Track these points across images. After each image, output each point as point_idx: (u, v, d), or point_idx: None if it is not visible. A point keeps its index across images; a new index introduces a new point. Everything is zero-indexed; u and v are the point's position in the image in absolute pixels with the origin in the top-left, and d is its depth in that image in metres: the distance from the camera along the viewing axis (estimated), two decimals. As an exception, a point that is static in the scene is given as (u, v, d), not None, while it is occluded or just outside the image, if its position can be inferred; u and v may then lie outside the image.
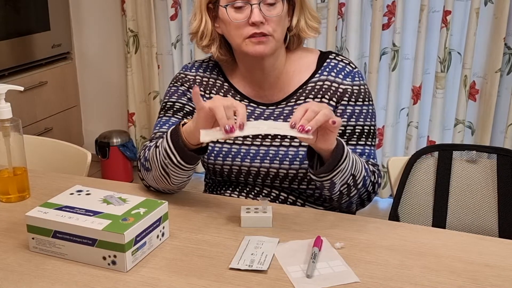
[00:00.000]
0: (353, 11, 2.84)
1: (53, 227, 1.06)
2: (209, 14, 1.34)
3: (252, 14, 1.26)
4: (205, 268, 1.04)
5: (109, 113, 3.62)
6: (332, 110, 1.33)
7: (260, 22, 1.26)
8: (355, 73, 1.37)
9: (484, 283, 1.01)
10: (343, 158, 1.18)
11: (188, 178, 1.28)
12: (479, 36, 2.69)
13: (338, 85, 1.35)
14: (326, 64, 1.38)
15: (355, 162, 1.23)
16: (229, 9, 1.28)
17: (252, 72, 1.37)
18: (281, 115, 1.37)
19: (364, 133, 1.35)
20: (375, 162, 1.36)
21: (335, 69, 1.37)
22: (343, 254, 1.09)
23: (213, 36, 1.36)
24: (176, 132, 1.20)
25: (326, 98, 1.35)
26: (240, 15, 1.28)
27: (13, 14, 2.93)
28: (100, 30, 3.48)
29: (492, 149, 1.56)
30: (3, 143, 1.28)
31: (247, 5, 1.27)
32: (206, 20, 1.34)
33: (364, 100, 1.36)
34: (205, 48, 1.38)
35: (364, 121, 1.35)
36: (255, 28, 1.27)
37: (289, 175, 1.36)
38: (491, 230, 1.53)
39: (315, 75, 1.38)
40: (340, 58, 1.39)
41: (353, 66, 1.38)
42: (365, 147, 1.35)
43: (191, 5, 3.14)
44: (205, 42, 1.36)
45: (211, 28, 1.35)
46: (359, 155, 1.32)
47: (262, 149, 1.37)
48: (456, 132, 2.82)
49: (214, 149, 1.39)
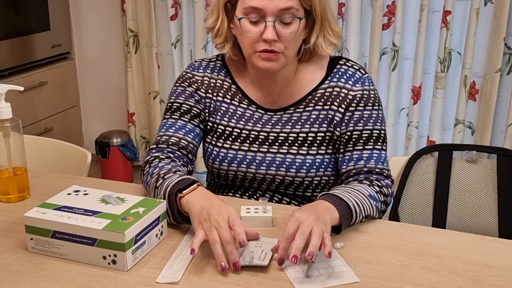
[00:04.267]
0: (353, 11, 2.84)
1: (53, 227, 1.06)
2: (226, 13, 1.32)
3: (266, 31, 1.23)
4: (205, 268, 1.04)
5: (109, 113, 3.62)
6: (341, 118, 1.33)
7: (273, 39, 1.23)
8: (364, 79, 1.34)
9: (484, 283, 1.01)
10: (352, 220, 1.17)
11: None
12: (479, 36, 2.69)
13: (348, 92, 1.32)
14: (336, 71, 1.35)
15: (365, 209, 1.20)
16: (244, 21, 1.25)
17: (261, 79, 1.35)
18: (289, 122, 1.35)
19: (372, 137, 1.32)
20: (383, 166, 1.31)
21: (345, 76, 1.34)
22: (343, 254, 1.09)
23: (227, 35, 1.33)
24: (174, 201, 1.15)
25: (335, 105, 1.33)
26: (254, 29, 1.25)
27: (13, 14, 2.93)
28: (100, 30, 3.48)
29: (492, 149, 1.56)
30: (3, 143, 1.28)
31: (262, 20, 1.24)
32: (222, 19, 1.32)
33: (374, 105, 1.33)
34: (219, 46, 1.36)
35: (373, 125, 1.32)
36: (267, 45, 1.24)
37: (295, 182, 1.35)
38: (491, 230, 1.53)
39: (324, 82, 1.35)
40: (350, 64, 1.36)
41: (362, 72, 1.35)
42: (373, 152, 1.31)
43: (191, 5, 3.14)
44: (220, 40, 1.34)
45: (227, 28, 1.32)
46: (365, 160, 1.30)
47: (269, 156, 1.36)
48: (456, 132, 2.82)
49: (219, 154, 1.38)
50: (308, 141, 1.34)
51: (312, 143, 1.34)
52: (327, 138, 1.34)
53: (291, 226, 1.04)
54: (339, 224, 1.14)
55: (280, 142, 1.35)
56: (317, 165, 1.34)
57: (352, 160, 1.31)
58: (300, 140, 1.34)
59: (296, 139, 1.34)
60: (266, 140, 1.36)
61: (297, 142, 1.34)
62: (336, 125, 1.33)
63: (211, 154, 1.40)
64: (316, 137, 1.34)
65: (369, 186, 1.25)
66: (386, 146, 1.34)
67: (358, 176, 1.29)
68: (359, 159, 1.30)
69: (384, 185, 1.28)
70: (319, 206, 1.12)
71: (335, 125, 1.33)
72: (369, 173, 1.29)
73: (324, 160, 1.34)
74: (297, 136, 1.34)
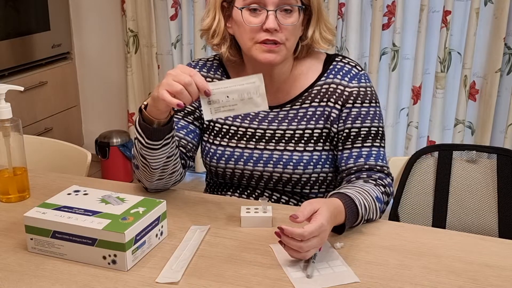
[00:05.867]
0: (353, 11, 2.84)
1: (52, 227, 1.06)
2: (222, 13, 1.32)
3: (267, 20, 1.23)
4: (205, 268, 1.04)
5: (109, 113, 3.62)
6: (337, 114, 1.33)
7: (274, 29, 1.24)
8: (361, 76, 1.34)
9: (484, 283, 1.01)
10: (357, 222, 1.18)
11: (168, 160, 1.26)
12: (479, 36, 2.69)
13: (344, 88, 1.33)
14: (332, 67, 1.36)
15: (370, 212, 1.20)
16: (245, 12, 1.26)
17: None
18: (285, 119, 1.36)
19: (370, 134, 1.32)
20: (383, 164, 1.31)
21: (341, 72, 1.35)
22: (343, 254, 1.09)
23: (224, 35, 1.33)
24: (141, 117, 1.20)
25: (331, 102, 1.33)
26: (255, 19, 1.25)
27: (13, 14, 2.93)
28: (100, 30, 3.48)
29: (492, 149, 1.56)
30: (3, 143, 1.28)
31: (263, 10, 1.24)
32: (219, 18, 1.32)
33: (371, 102, 1.33)
34: (215, 47, 1.36)
35: (371, 122, 1.32)
36: (268, 35, 1.24)
37: (293, 179, 1.35)
38: (491, 230, 1.53)
39: (321, 78, 1.35)
40: (347, 61, 1.37)
41: (359, 69, 1.35)
42: (372, 149, 1.31)
43: (191, 5, 3.14)
44: (216, 41, 1.34)
45: (223, 28, 1.32)
46: (365, 157, 1.30)
47: (266, 153, 1.36)
48: (456, 132, 2.82)
49: (216, 153, 1.39)
50: (304, 138, 1.34)
51: (308, 140, 1.34)
52: (323, 135, 1.34)
53: (313, 231, 1.01)
54: (340, 225, 1.14)
55: (277, 139, 1.35)
56: (314, 162, 1.34)
57: (351, 158, 1.31)
58: (297, 137, 1.34)
59: (292, 136, 1.35)
60: (263, 137, 1.36)
61: (293, 139, 1.34)
62: (333, 122, 1.33)
63: (208, 152, 1.40)
64: (313, 134, 1.34)
65: (375, 186, 1.26)
66: (385, 143, 1.35)
67: (360, 174, 1.29)
68: (358, 157, 1.31)
69: (387, 184, 1.29)
70: (336, 209, 1.11)
71: (331, 121, 1.33)
72: (370, 170, 1.29)
73: (321, 157, 1.34)
74: (293, 133, 1.35)
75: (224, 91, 1.15)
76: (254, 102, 1.16)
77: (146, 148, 1.22)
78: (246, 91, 1.15)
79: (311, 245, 1.02)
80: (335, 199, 1.14)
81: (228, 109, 1.16)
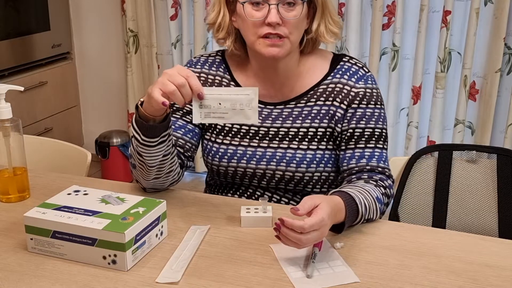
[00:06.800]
0: (353, 11, 2.84)
1: (52, 227, 1.06)
2: (227, 7, 1.32)
3: (269, 14, 1.23)
4: (205, 268, 1.04)
5: (109, 113, 3.62)
6: (342, 114, 1.33)
7: (277, 23, 1.23)
8: (368, 77, 1.34)
9: (484, 283, 1.01)
10: (357, 221, 1.18)
11: (164, 159, 1.26)
12: (479, 36, 2.69)
13: (350, 88, 1.33)
14: (339, 67, 1.35)
15: (370, 212, 1.20)
16: (247, 6, 1.26)
17: (264, 70, 1.35)
18: (290, 116, 1.35)
19: (374, 135, 1.32)
20: (385, 165, 1.31)
21: (348, 72, 1.34)
22: (343, 254, 1.09)
23: (229, 29, 1.33)
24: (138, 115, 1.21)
25: (337, 101, 1.33)
26: (257, 13, 1.25)
27: (13, 14, 2.93)
28: (100, 30, 3.48)
29: (492, 149, 1.56)
30: (3, 143, 1.28)
31: (265, 4, 1.24)
32: (224, 12, 1.32)
33: (376, 104, 1.33)
34: (221, 41, 1.36)
35: (375, 124, 1.32)
36: (271, 29, 1.24)
37: (295, 178, 1.35)
38: (491, 230, 1.53)
39: (327, 77, 1.35)
40: (354, 62, 1.36)
41: (366, 70, 1.35)
42: (374, 150, 1.31)
43: (191, 5, 3.14)
44: (221, 35, 1.34)
45: (228, 22, 1.33)
46: (367, 158, 1.30)
47: (269, 151, 1.36)
48: (456, 132, 2.82)
49: (219, 151, 1.38)
50: (308, 136, 1.34)
51: (312, 138, 1.34)
52: (327, 134, 1.34)
53: (313, 224, 1.01)
54: (339, 224, 1.14)
55: (281, 137, 1.35)
56: (317, 160, 1.34)
57: (353, 158, 1.31)
58: (301, 135, 1.34)
59: (296, 134, 1.35)
60: (266, 135, 1.36)
61: (297, 137, 1.34)
62: (337, 122, 1.33)
63: (210, 150, 1.40)
64: (317, 133, 1.34)
65: (376, 187, 1.26)
66: (387, 145, 1.35)
67: (361, 174, 1.29)
68: (361, 157, 1.31)
69: (387, 185, 1.29)
70: (336, 206, 1.11)
71: (336, 121, 1.33)
72: (372, 171, 1.29)
73: (324, 156, 1.34)
74: (297, 131, 1.35)
75: (218, 98, 1.15)
76: (245, 114, 1.16)
77: (142, 145, 1.22)
78: (239, 102, 1.15)
79: (310, 238, 1.02)
80: (335, 197, 1.14)
81: (218, 116, 1.16)
